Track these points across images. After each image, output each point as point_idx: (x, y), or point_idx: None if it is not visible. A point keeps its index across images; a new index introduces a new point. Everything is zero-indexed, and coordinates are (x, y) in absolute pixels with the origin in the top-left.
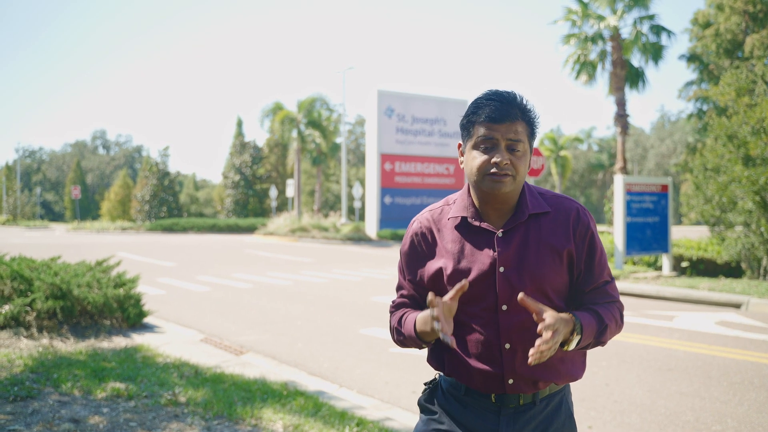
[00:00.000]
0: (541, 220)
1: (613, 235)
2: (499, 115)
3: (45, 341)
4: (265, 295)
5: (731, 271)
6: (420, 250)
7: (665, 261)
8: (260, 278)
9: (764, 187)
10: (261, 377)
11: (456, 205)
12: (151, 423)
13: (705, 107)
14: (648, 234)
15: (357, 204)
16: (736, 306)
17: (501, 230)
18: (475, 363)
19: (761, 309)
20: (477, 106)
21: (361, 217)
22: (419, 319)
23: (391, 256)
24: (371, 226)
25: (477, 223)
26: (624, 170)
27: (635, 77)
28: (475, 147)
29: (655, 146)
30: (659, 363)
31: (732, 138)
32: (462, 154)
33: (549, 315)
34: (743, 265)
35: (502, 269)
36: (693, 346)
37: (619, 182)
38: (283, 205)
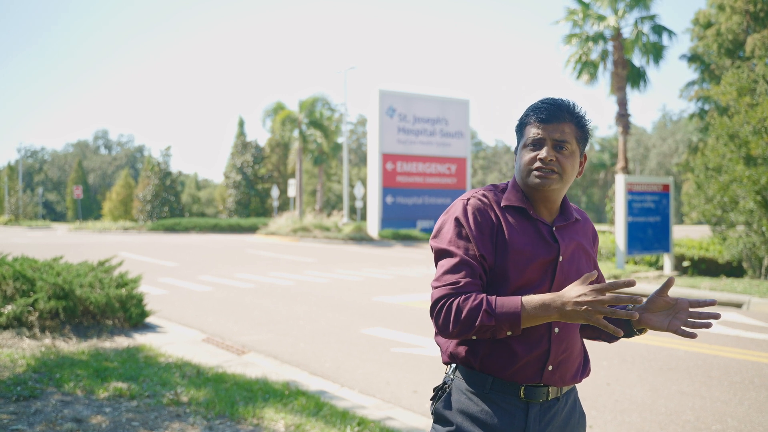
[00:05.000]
0: (577, 225)
1: (614, 234)
2: (547, 116)
3: (47, 341)
4: (268, 295)
5: (733, 270)
6: (485, 224)
7: (666, 260)
8: (262, 278)
9: (765, 186)
10: (263, 377)
11: (509, 196)
12: (154, 423)
13: (707, 107)
14: (649, 233)
15: (359, 204)
16: (738, 306)
17: (554, 225)
18: (524, 348)
19: (762, 309)
20: (530, 110)
21: (363, 217)
22: (534, 300)
23: (393, 256)
24: (373, 225)
25: (534, 216)
26: (625, 170)
27: (636, 77)
28: (525, 146)
29: (656, 146)
30: (660, 362)
31: (733, 137)
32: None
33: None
34: (745, 265)
35: (561, 258)
36: (694, 345)
37: (620, 182)
38: (284, 205)
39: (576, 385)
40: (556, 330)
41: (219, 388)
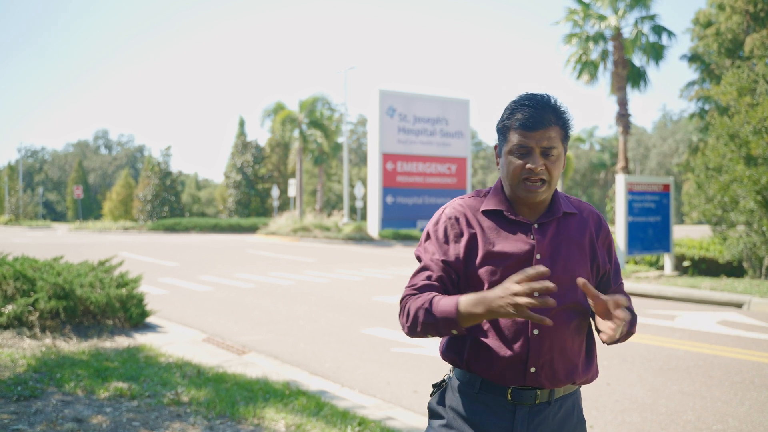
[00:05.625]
0: (570, 219)
1: (614, 234)
2: (532, 123)
3: (48, 341)
4: (268, 295)
5: (733, 270)
6: (454, 232)
7: (667, 260)
8: (262, 278)
9: (766, 186)
10: (263, 377)
11: (490, 199)
12: (154, 422)
13: (707, 107)
14: (650, 233)
15: (359, 204)
16: (738, 305)
17: (536, 223)
18: (500, 349)
19: (763, 308)
20: (512, 111)
21: (363, 217)
22: (469, 299)
23: (394, 255)
24: (373, 225)
25: (513, 217)
26: (626, 170)
27: (637, 77)
28: (511, 153)
29: (657, 145)
30: (661, 362)
31: (734, 137)
32: (498, 156)
33: (618, 297)
34: (745, 265)
35: (538, 256)
36: (694, 345)
37: (620, 182)
38: (285, 205)
39: (578, 390)
40: (535, 332)
41: (219, 388)
